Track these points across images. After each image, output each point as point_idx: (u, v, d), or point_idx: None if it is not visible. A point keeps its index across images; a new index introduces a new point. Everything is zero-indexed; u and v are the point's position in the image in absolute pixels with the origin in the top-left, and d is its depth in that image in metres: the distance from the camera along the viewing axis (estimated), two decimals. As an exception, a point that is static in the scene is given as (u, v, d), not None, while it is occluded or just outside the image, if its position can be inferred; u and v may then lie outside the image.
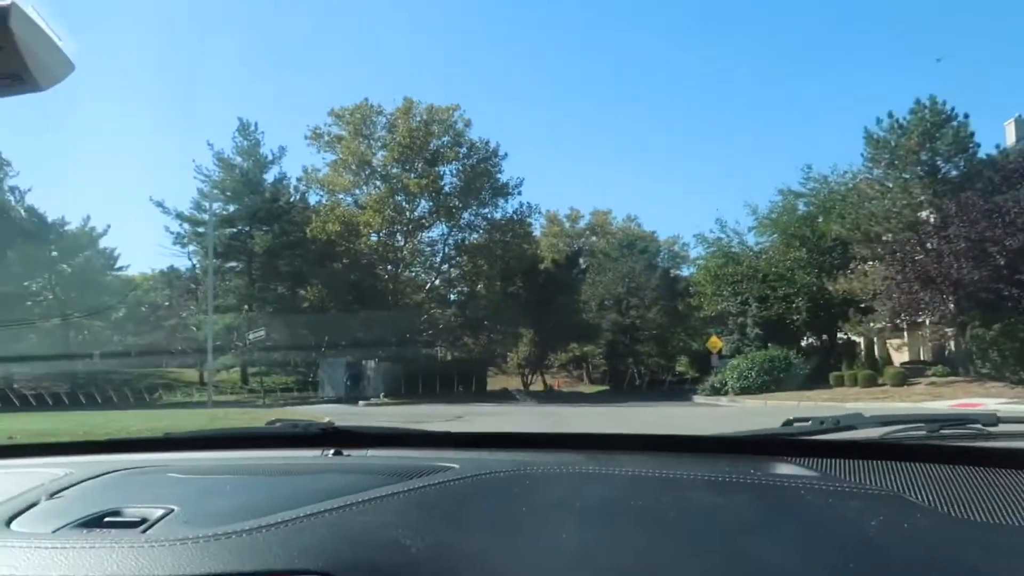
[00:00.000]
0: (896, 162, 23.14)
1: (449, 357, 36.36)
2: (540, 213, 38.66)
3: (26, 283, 29.21)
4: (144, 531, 0.85)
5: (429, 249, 35.80)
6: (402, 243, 34.42)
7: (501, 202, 34.36)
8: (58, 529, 0.88)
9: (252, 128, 32.65)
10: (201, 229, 31.59)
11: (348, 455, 1.26)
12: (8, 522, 0.92)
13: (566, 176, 65.80)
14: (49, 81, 0.52)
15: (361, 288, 31.93)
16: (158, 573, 0.73)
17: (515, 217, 34.77)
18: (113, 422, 12.59)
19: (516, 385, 36.69)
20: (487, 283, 34.97)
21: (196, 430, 1.74)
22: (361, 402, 25.17)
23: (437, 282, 36.23)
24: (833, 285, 24.03)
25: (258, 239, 31.56)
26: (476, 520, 0.88)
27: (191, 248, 33.04)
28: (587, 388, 38.75)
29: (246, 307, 31.55)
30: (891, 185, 23.46)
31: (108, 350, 29.91)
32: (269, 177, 33.35)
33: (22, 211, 27.53)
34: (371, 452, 1.29)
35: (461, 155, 33.30)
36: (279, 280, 32.31)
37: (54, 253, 28.82)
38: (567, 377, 43.47)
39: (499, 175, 34.08)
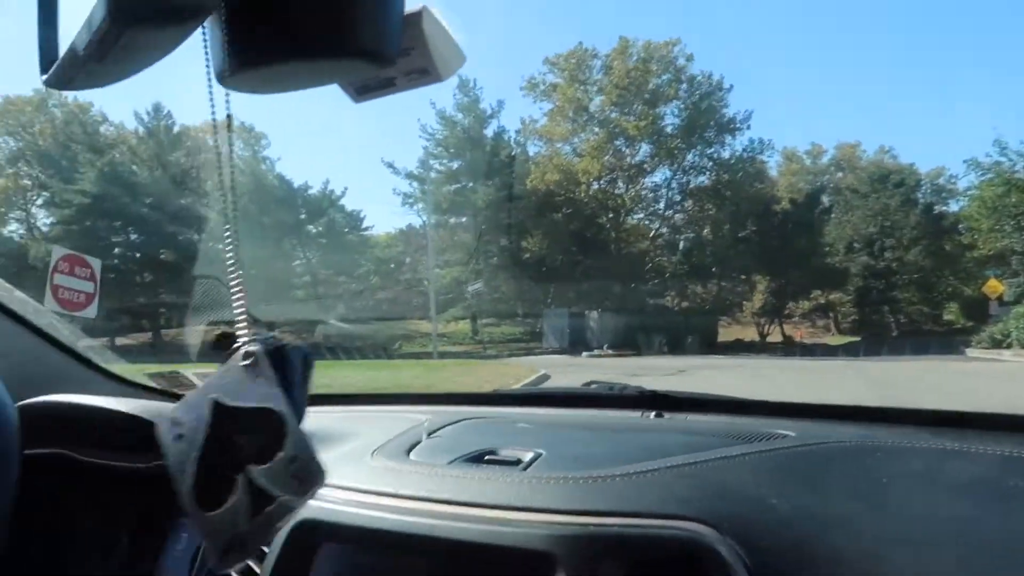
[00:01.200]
0: None
1: (676, 307, 34.87)
2: (775, 150, 35.46)
3: (285, 246, 32.34)
4: (524, 469, 0.94)
5: (652, 195, 34.32)
6: (623, 189, 33.30)
7: (728, 139, 31.96)
8: (452, 462, 0.99)
9: (471, 84, 33.12)
10: (428, 187, 33.03)
11: (669, 418, 1.28)
12: (407, 452, 1.06)
13: (805, 108, 59.04)
14: (448, 73, 0.58)
15: (583, 238, 31.48)
16: (544, 505, 0.81)
17: (745, 155, 32.23)
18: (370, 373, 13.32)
19: (751, 336, 34.30)
20: (715, 227, 32.92)
21: (519, 388, 1.80)
22: (584, 353, 24.80)
23: (661, 229, 34.72)
24: None
25: (481, 193, 32.20)
26: (834, 486, 0.87)
27: (419, 207, 34.66)
28: (834, 339, 35.14)
29: (472, 261, 32.55)
30: None
31: (353, 304, 32.51)
32: (489, 132, 33.73)
33: (273, 179, 30.49)
34: (690, 416, 1.31)
35: (682, 92, 31.35)
36: (502, 233, 32.75)
37: (302, 216, 31.57)
38: (810, 327, 39.86)
39: (725, 110, 31.62)
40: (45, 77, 0.53)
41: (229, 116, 0.56)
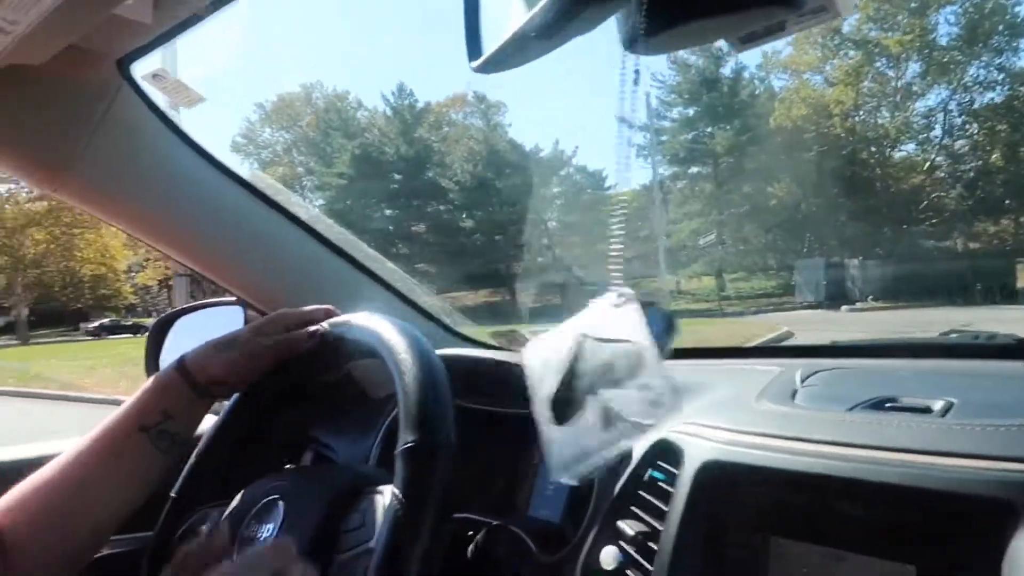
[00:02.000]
0: None
1: (960, 249, 30.39)
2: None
3: (518, 208, 33.23)
4: (940, 416, 0.86)
5: (924, 121, 29.95)
6: (888, 118, 29.55)
7: (1024, 44, 26.98)
8: (851, 408, 0.92)
9: (705, 21, 31.37)
10: (664, 138, 31.93)
11: None
12: (791, 398, 0.98)
13: None
14: (849, 9, 0.56)
15: (840, 177, 28.52)
16: (992, 453, 0.74)
17: (1049, 59, 27.06)
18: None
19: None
20: (1009, 152, 27.94)
21: (870, 339, 1.70)
22: (844, 307, 22.60)
23: (938, 159, 30.30)
24: None
25: (719, 139, 30.46)
26: None
27: (653, 159, 33.66)
28: None
29: (715, 211, 30.96)
30: None
31: (595, 264, 32.49)
32: (726, 71, 31.72)
33: (507, 145, 31.33)
34: None
35: (959, -6, 26.97)
36: (745, 179, 30.78)
37: (535, 179, 32.14)
38: None
39: (1018, 8, 26.69)
40: (477, 64, 0.57)
41: (646, 95, 0.58)
